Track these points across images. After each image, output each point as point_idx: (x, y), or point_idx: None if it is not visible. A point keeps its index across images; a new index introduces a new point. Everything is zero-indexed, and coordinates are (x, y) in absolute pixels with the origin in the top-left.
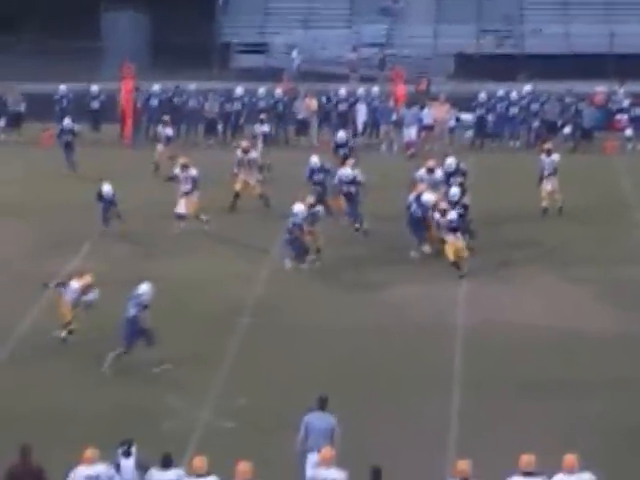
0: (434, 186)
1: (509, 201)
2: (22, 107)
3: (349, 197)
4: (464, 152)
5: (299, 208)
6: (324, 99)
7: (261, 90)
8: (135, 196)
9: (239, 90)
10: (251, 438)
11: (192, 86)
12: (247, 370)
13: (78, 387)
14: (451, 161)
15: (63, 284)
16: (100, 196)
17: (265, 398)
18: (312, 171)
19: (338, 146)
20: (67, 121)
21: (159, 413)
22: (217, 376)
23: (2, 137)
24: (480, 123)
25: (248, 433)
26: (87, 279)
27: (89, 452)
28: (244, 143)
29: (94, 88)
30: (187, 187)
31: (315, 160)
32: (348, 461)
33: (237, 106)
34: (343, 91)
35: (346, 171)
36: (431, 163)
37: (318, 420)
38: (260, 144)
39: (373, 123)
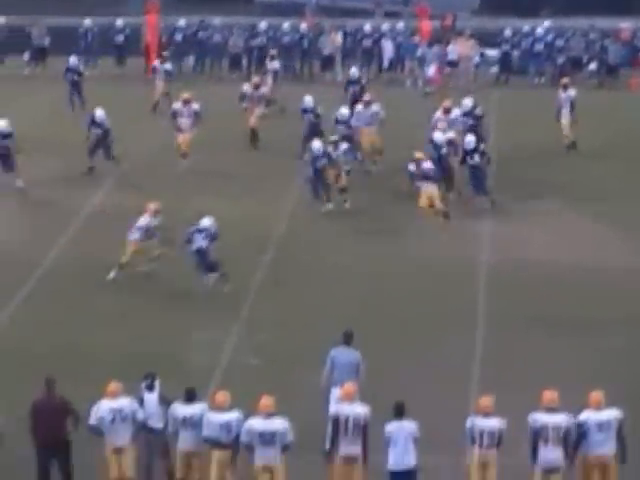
0: (450, 127)
1: (533, 137)
2: (46, 41)
3: (347, 139)
4: (488, 88)
5: (317, 145)
6: (346, 34)
7: (285, 25)
8: (155, 133)
9: (263, 25)
10: (273, 373)
11: (217, 21)
12: (269, 306)
13: (102, 321)
14: (468, 102)
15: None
16: (93, 122)
17: (287, 334)
18: (304, 110)
19: (349, 83)
20: (73, 59)
21: (183, 348)
22: (240, 312)
23: (27, 71)
24: (505, 59)
25: (270, 368)
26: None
27: (113, 386)
28: (255, 79)
29: (119, 22)
30: (188, 122)
31: (308, 99)
32: (372, 397)
33: (261, 41)
34: (368, 27)
35: (343, 111)
36: (447, 104)
37: (343, 355)
38: (270, 80)
39: (398, 59)
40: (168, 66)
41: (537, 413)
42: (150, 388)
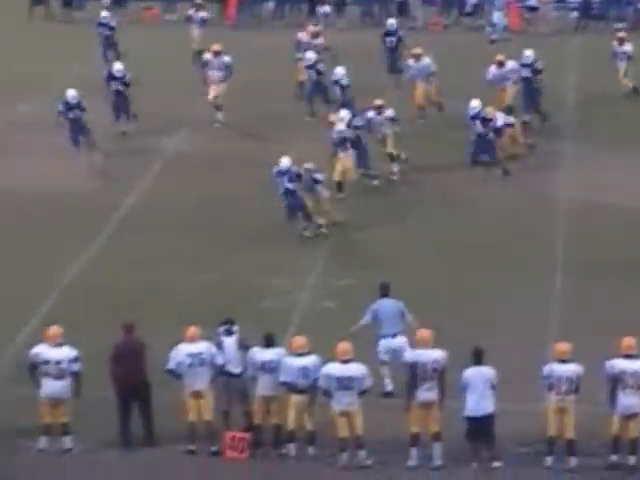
0: (502, 80)
1: (612, 82)
2: None
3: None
4: (568, 34)
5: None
6: None
7: None
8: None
9: None
10: (351, 317)
11: None
12: (347, 251)
13: (181, 264)
14: (528, 53)
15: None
16: (111, 75)
17: (365, 278)
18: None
19: (386, 34)
20: (104, 14)
21: (260, 292)
22: (318, 257)
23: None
24: (585, 4)
25: (348, 313)
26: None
27: (191, 330)
28: (311, 27)
29: None
30: (219, 74)
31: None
32: (450, 342)
33: None
34: None
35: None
36: (500, 57)
37: (386, 306)
38: (321, 26)
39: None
40: (203, 14)
41: (615, 359)
42: (229, 333)
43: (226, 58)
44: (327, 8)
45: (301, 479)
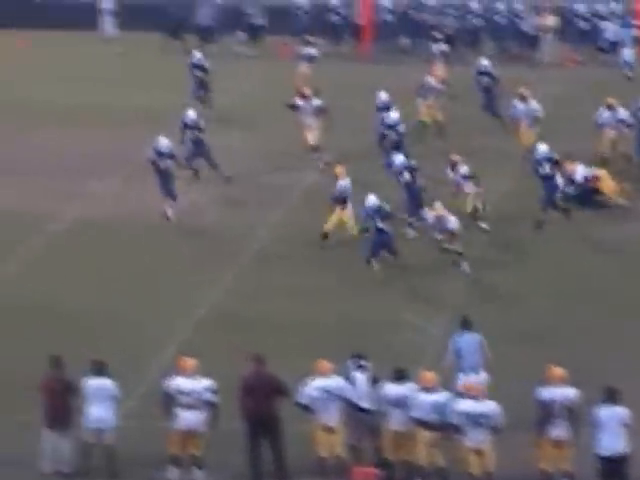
0: (613, 126)
1: None
2: (262, 20)
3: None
4: None
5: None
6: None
7: (499, 5)
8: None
9: (475, 5)
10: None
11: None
12: (485, 282)
13: (310, 297)
14: None
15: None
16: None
17: (504, 313)
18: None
19: (479, 73)
20: (198, 55)
21: (391, 327)
22: (450, 290)
23: (242, 49)
24: None
25: None
26: (440, 211)
27: (324, 364)
28: (437, 69)
29: (334, 2)
30: (311, 118)
31: (384, 95)
32: (581, 380)
33: (476, 21)
34: (582, 7)
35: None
36: (611, 100)
37: (466, 340)
38: (440, 64)
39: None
40: (312, 50)
41: None
42: (360, 368)
43: (316, 101)
44: (443, 46)
45: None
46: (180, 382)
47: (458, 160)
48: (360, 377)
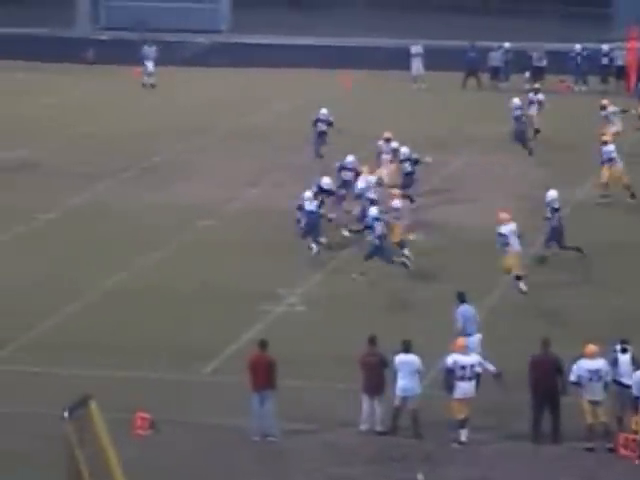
0: None
1: None
2: (544, 62)
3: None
4: None
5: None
6: None
7: None
8: None
9: None
10: None
11: None
12: None
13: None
14: None
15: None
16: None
17: None
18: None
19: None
20: (323, 111)
21: None
22: None
23: (526, 87)
24: None
25: None
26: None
27: (591, 348)
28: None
29: (604, 47)
30: (387, 157)
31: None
32: None
33: None
34: None
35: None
36: None
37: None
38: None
39: None
40: (540, 97)
41: None
42: (624, 351)
43: (394, 144)
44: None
45: None
46: (459, 359)
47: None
48: (623, 358)
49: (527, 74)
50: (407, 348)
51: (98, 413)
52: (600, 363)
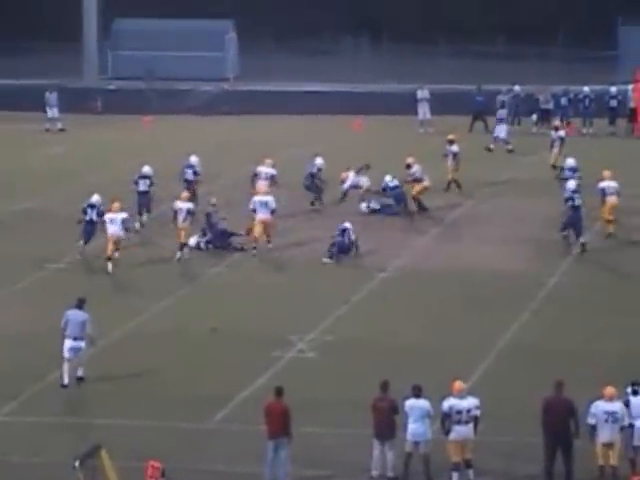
0: None
1: None
2: (551, 104)
3: None
4: None
5: None
6: None
7: None
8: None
9: None
10: None
11: None
12: None
13: (604, 335)
14: None
15: None
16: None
17: None
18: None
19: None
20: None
21: None
22: None
23: (534, 129)
24: None
25: None
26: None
27: (610, 390)
28: None
29: (612, 89)
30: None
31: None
32: None
33: None
34: None
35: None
36: None
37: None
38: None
39: None
40: (561, 133)
41: None
42: (635, 393)
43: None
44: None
45: None
46: (455, 403)
47: None
48: (635, 400)
49: (534, 117)
50: (418, 393)
51: (109, 461)
52: (617, 406)
